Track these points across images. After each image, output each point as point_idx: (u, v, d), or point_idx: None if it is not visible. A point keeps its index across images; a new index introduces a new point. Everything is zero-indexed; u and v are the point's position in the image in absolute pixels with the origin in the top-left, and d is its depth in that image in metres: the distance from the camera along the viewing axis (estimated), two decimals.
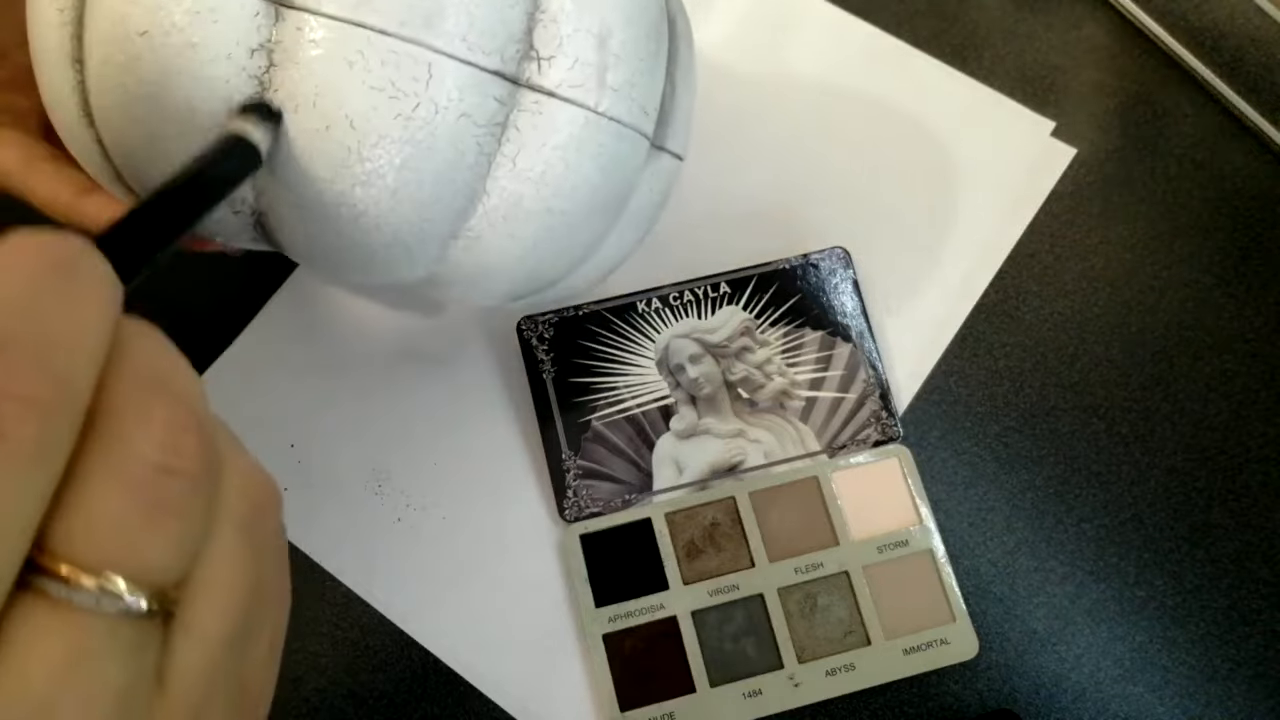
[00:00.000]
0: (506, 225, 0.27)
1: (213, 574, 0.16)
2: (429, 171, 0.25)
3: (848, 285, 0.44)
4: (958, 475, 0.42)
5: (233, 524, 0.17)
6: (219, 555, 0.16)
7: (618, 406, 0.42)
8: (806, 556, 0.40)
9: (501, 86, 0.25)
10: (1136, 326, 0.44)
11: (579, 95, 0.26)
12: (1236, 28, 0.48)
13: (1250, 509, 0.42)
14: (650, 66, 0.28)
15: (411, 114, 0.24)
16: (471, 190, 0.26)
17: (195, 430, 0.15)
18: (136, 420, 0.15)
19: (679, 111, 0.31)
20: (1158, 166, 0.46)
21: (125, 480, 0.14)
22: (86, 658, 0.14)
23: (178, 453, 0.15)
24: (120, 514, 0.14)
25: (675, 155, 0.32)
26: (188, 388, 0.16)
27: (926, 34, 0.49)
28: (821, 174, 0.46)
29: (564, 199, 0.28)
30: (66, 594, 0.14)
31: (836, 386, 0.43)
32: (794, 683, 0.39)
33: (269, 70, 0.24)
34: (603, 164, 0.28)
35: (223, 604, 0.16)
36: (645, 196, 0.31)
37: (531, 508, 0.42)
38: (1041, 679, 0.40)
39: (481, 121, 0.25)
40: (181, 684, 0.15)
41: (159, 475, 0.15)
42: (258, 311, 0.45)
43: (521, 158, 0.26)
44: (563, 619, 0.40)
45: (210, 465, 0.16)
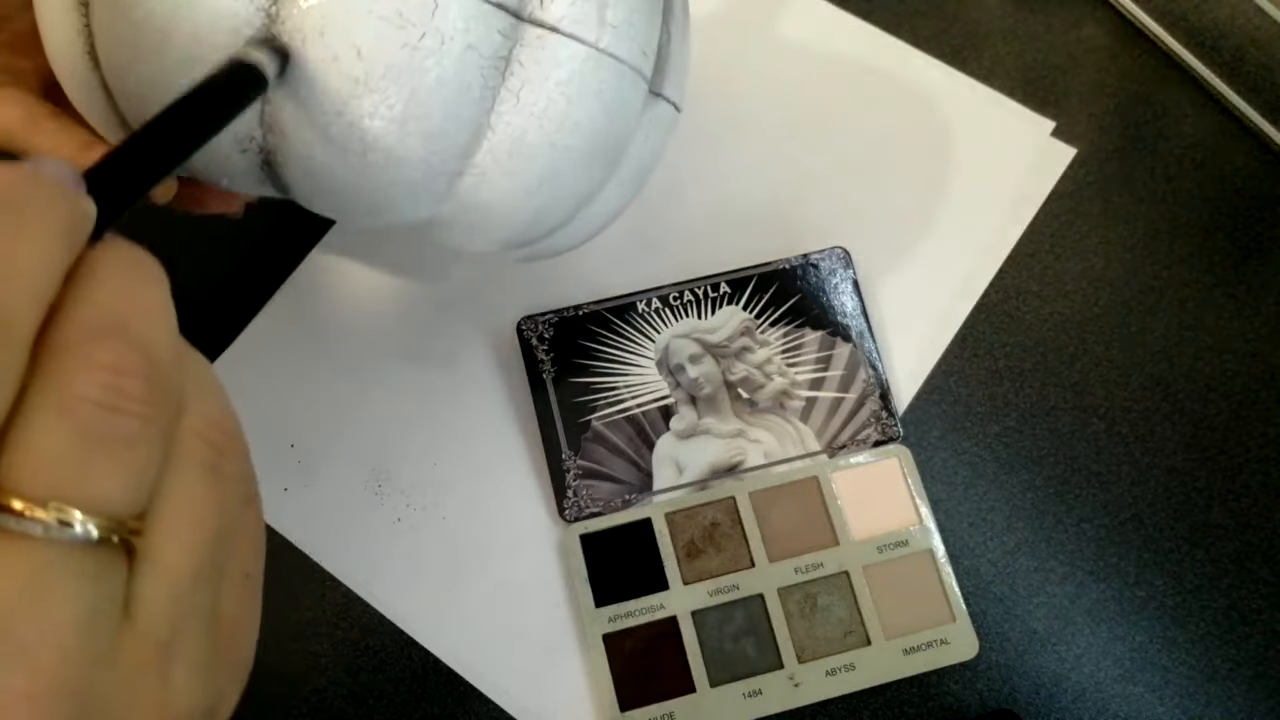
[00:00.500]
0: (510, 161, 0.28)
1: (174, 509, 0.16)
2: (436, 103, 0.26)
3: (848, 285, 0.44)
4: (958, 475, 0.42)
5: (193, 460, 0.17)
6: (179, 491, 0.16)
7: (618, 406, 0.42)
8: (806, 556, 0.40)
9: (505, 20, 0.26)
10: (1136, 326, 0.44)
11: (580, 31, 0.27)
12: (1236, 28, 0.48)
13: (1250, 509, 0.42)
14: (648, 7, 0.29)
15: (418, 44, 0.24)
16: (477, 125, 0.27)
17: (144, 375, 0.15)
18: (79, 363, 0.15)
19: (675, 60, 0.32)
20: (1158, 166, 0.46)
21: (68, 416, 0.15)
22: (42, 585, 0.14)
23: (122, 393, 0.15)
24: (64, 447, 0.14)
25: (672, 104, 0.33)
26: (146, 326, 0.16)
27: (926, 34, 0.49)
28: (821, 174, 0.46)
29: (566, 134, 0.28)
30: (18, 525, 0.14)
31: (836, 386, 0.43)
32: (794, 683, 0.39)
33: (276, 3, 0.24)
34: (604, 101, 0.28)
35: (186, 538, 0.16)
36: (643, 145, 0.32)
37: (531, 508, 0.42)
38: (1041, 679, 0.40)
39: (486, 54, 0.26)
40: (148, 615, 0.16)
41: (102, 412, 0.15)
42: (258, 311, 0.45)
43: (525, 92, 0.27)
44: (563, 619, 0.40)
45: (162, 406, 0.16)
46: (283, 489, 0.42)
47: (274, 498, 0.42)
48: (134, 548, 0.16)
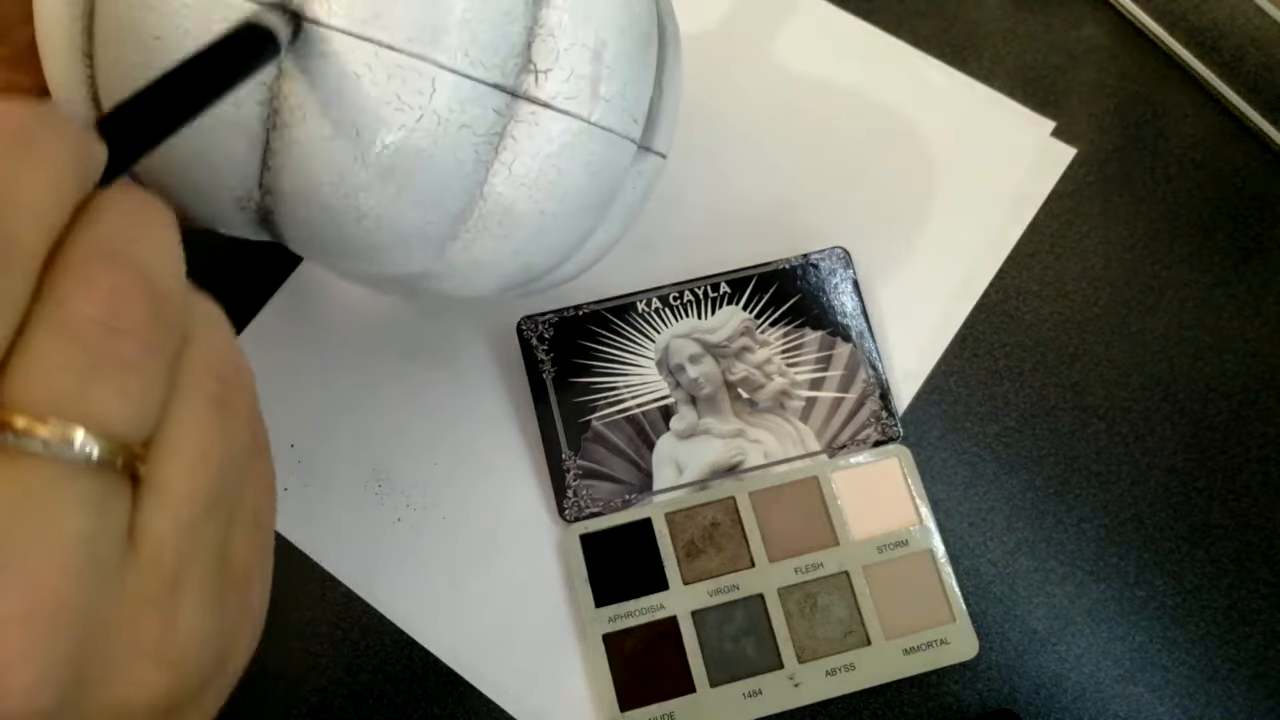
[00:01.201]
0: (501, 228, 0.29)
1: (180, 437, 0.16)
2: (430, 179, 0.26)
3: (848, 285, 0.44)
4: (958, 475, 0.42)
5: (199, 393, 0.17)
6: (186, 421, 0.16)
7: (618, 406, 0.42)
8: (806, 556, 0.40)
9: (500, 98, 0.26)
10: (1136, 326, 0.44)
11: (573, 106, 0.28)
12: (1236, 28, 0.48)
13: (1250, 509, 0.42)
14: (640, 75, 0.30)
15: (415, 125, 0.25)
16: (469, 195, 0.28)
17: (142, 296, 0.15)
18: (79, 282, 0.15)
19: (665, 113, 0.33)
20: (1158, 166, 0.46)
21: (69, 335, 0.14)
22: (42, 502, 0.14)
23: (123, 315, 0.15)
24: (65, 364, 0.14)
25: (660, 154, 0.33)
26: (151, 257, 0.16)
27: (926, 34, 0.49)
28: (821, 174, 0.46)
29: (555, 202, 0.29)
30: (17, 442, 0.14)
31: (836, 386, 0.43)
32: (794, 683, 0.39)
33: (279, 79, 0.25)
34: (593, 170, 0.29)
35: (192, 468, 0.16)
36: (630, 194, 0.33)
37: (531, 508, 0.42)
38: (1041, 679, 0.40)
39: (480, 132, 0.26)
40: (153, 545, 0.15)
41: (103, 332, 0.15)
42: (258, 312, 0.45)
43: (517, 165, 0.28)
44: (563, 619, 0.40)
45: (162, 331, 0.16)
46: (283, 489, 0.42)
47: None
48: (139, 476, 0.15)
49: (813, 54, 0.48)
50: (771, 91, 0.48)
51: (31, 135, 0.15)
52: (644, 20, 0.29)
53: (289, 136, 0.25)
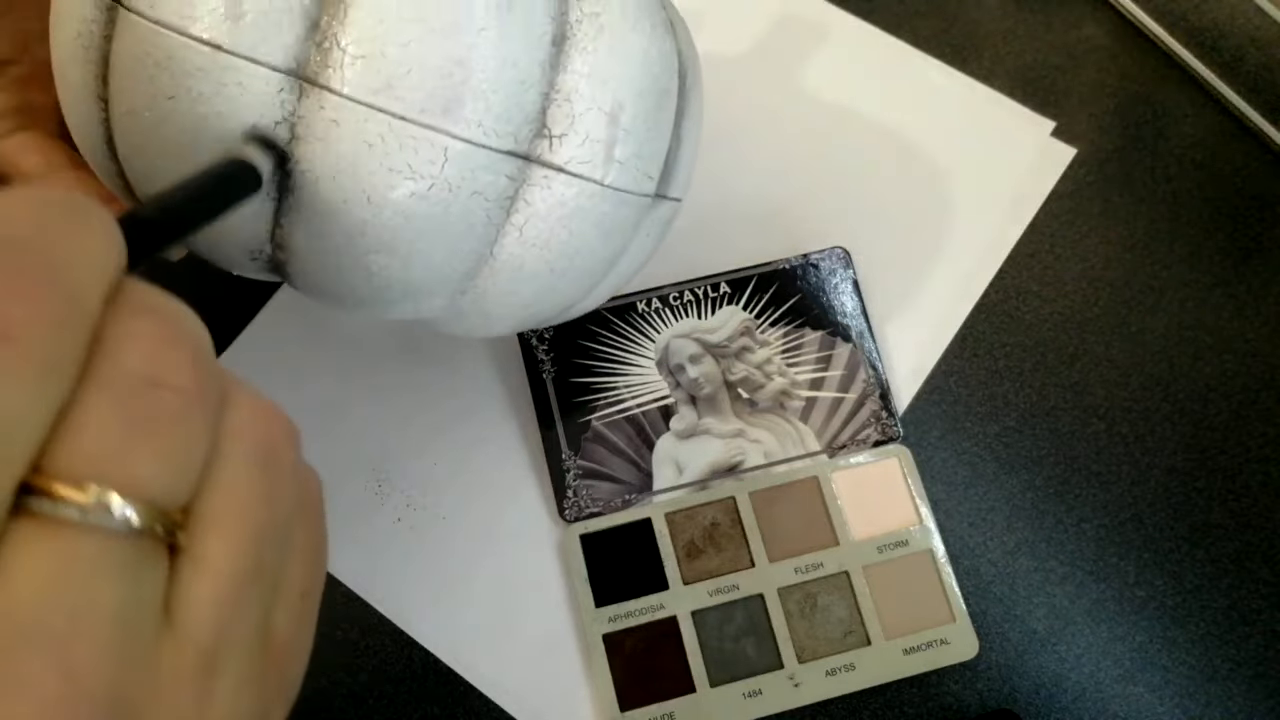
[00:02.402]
0: (511, 284, 0.29)
1: (221, 503, 0.15)
2: (440, 243, 0.26)
3: (848, 285, 0.44)
4: (958, 475, 0.42)
5: (241, 454, 0.16)
6: (227, 485, 0.15)
7: (618, 406, 0.42)
8: (806, 556, 0.40)
9: (513, 164, 0.26)
10: (1136, 326, 0.44)
11: (587, 170, 0.27)
12: (1236, 28, 0.48)
13: (1250, 509, 0.42)
14: (657, 132, 0.29)
15: (426, 193, 0.25)
16: (479, 256, 0.28)
17: (187, 348, 0.15)
18: (124, 335, 0.14)
19: (682, 161, 0.32)
20: (1158, 166, 0.46)
21: (111, 392, 0.14)
22: (76, 573, 0.13)
23: (166, 366, 0.14)
24: (106, 425, 0.14)
25: (674, 200, 0.33)
26: (186, 322, 0.16)
27: (926, 34, 0.49)
28: (821, 174, 0.46)
29: (565, 260, 0.29)
30: (54, 509, 0.13)
31: (836, 386, 0.43)
32: (794, 683, 0.39)
33: (291, 142, 0.25)
34: (604, 229, 0.29)
35: (234, 537, 0.15)
36: (642, 241, 0.32)
37: (531, 508, 0.42)
38: (1041, 679, 0.40)
39: (492, 197, 0.26)
40: (191, 619, 0.15)
41: (146, 387, 0.14)
42: (258, 312, 0.45)
43: (528, 227, 0.27)
44: (563, 619, 0.40)
45: (205, 385, 0.15)
46: None
47: None
48: (178, 544, 0.15)
49: (812, 54, 0.48)
50: (771, 92, 0.48)
51: (84, 203, 0.15)
52: (664, 78, 0.29)
53: (301, 198, 0.25)
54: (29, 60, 0.31)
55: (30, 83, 0.30)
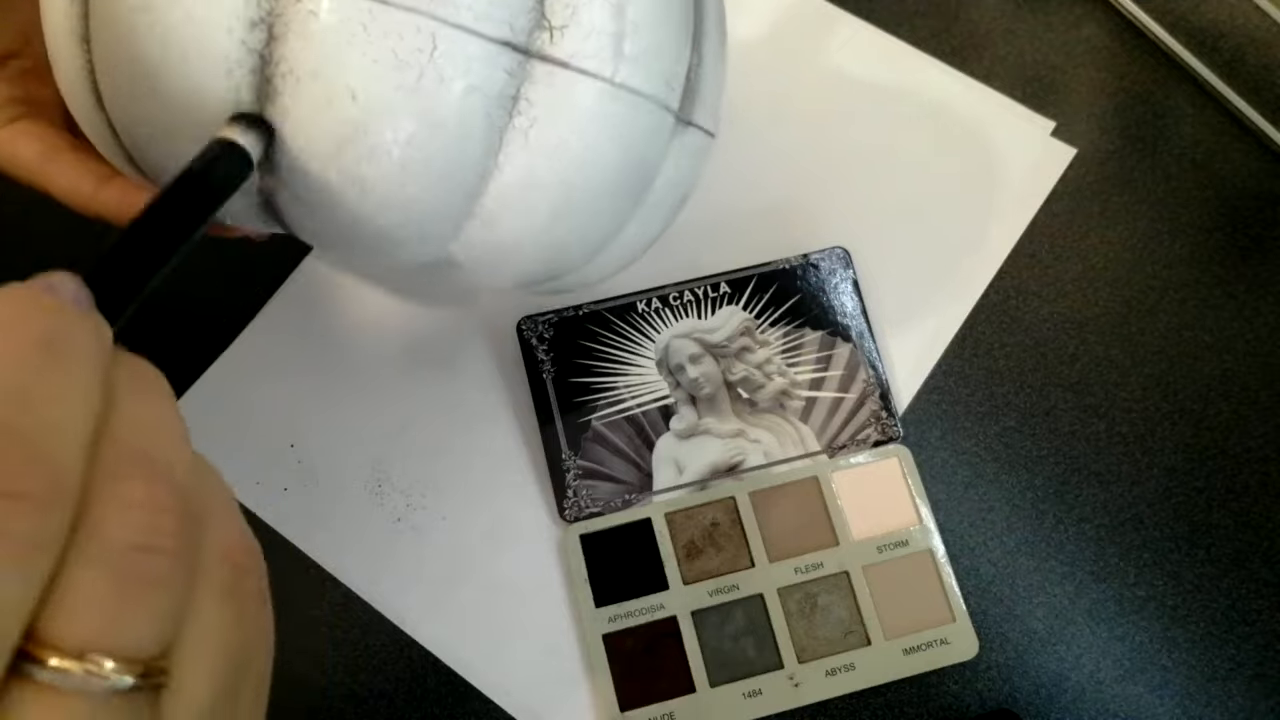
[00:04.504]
0: (520, 203, 0.26)
1: (198, 639, 0.16)
2: (436, 146, 0.25)
3: (848, 285, 0.44)
4: (958, 475, 0.42)
5: (215, 589, 0.17)
6: (203, 621, 0.16)
7: (618, 406, 0.42)
8: (806, 556, 0.40)
9: (511, 58, 0.24)
10: (1136, 326, 0.44)
11: (594, 66, 0.25)
12: (1236, 28, 0.48)
13: (1250, 509, 0.42)
14: (673, 35, 0.27)
15: (416, 86, 0.24)
16: (482, 166, 0.25)
17: (174, 509, 0.15)
18: (116, 504, 0.15)
19: (707, 84, 0.30)
20: (1158, 166, 0.46)
21: (104, 563, 0.14)
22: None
23: (156, 531, 0.15)
24: (100, 596, 0.14)
25: (704, 131, 0.30)
26: (171, 449, 0.16)
27: (926, 34, 0.49)
28: (821, 174, 0.46)
29: (580, 174, 0.26)
30: (53, 679, 0.14)
31: (836, 386, 0.43)
32: (794, 683, 0.39)
33: (269, 44, 0.23)
34: (621, 137, 0.26)
35: (209, 667, 0.16)
36: (671, 176, 0.30)
37: (531, 508, 0.42)
38: (1041, 679, 0.40)
39: (490, 94, 0.24)
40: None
41: (138, 555, 0.15)
42: (258, 311, 0.45)
43: (534, 131, 0.25)
44: (563, 619, 0.40)
45: (190, 538, 0.16)
46: (283, 489, 0.42)
47: (274, 498, 0.42)
48: (161, 682, 0.15)
49: (813, 54, 0.48)
50: (771, 92, 0.48)
51: (63, 338, 0.15)
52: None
53: (283, 105, 0.24)
54: (31, 54, 0.30)
55: (32, 75, 0.30)
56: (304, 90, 0.24)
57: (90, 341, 0.16)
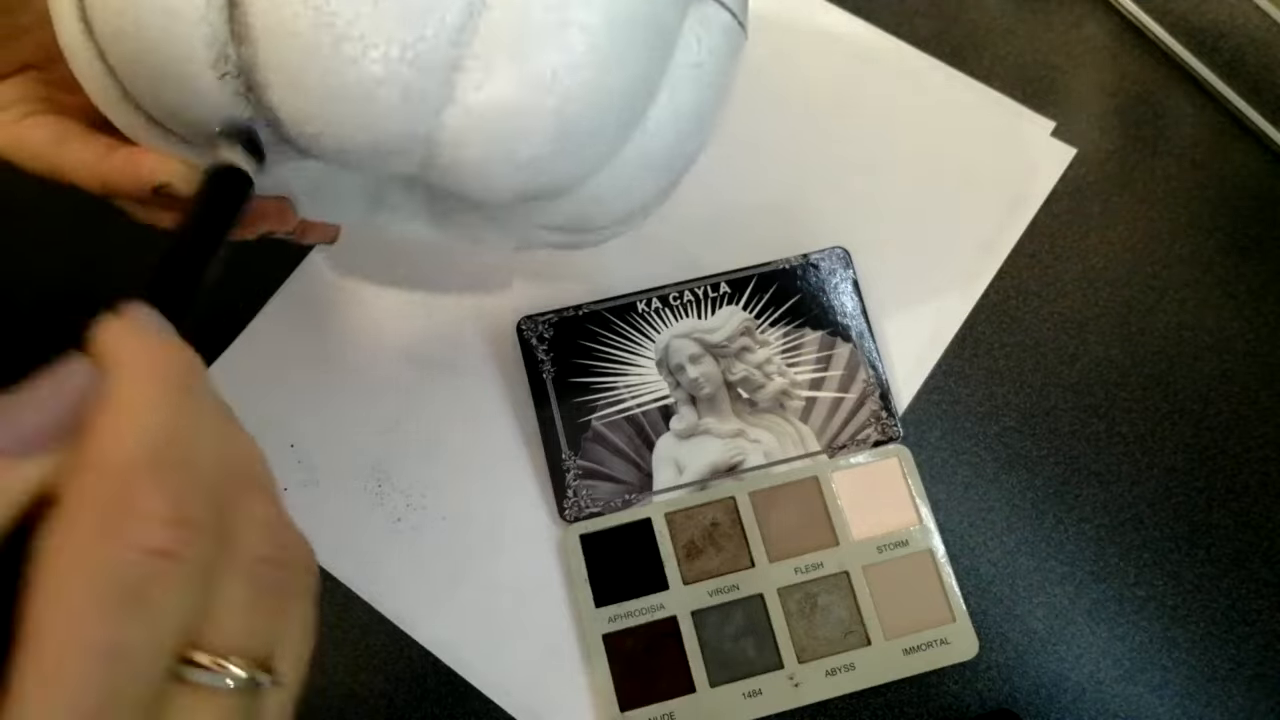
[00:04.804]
0: (518, 44, 0.23)
1: (292, 634, 0.19)
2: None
3: (848, 285, 0.44)
4: (958, 475, 0.42)
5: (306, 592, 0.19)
6: (297, 617, 0.19)
7: (618, 406, 0.42)
8: (806, 556, 0.40)
9: None
10: (1136, 326, 0.44)
11: None
12: (1236, 28, 0.48)
13: (1250, 509, 0.42)
14: None
15: None
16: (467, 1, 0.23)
17: (290, 523, 0.18)
18: (246, 521, 0.18)
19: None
20: (1158, 166, 0.46)
21: (243, 575, 0.17)
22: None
23: (279, 544, 0.18)
24: (241, 604, 0.17)
25: (729, 10, 0.27)
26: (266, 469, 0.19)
27: (926, 34, 0.49)
28: (821, 174, 0.46)
29: (583, 8, 0.23)
30: (206, 679, 0.16)
31: (836, 386, 0.43)
32: (794, 683, 0.39)
33: None
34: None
35: (299, 656, 0.19)
36: (690, 56, 0.27)
37: (531, 508, 0.42)
38: (1041, 679, 0.40)
39: None
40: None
41: (266, 566, 0.18)
42: (258, 311, 0.45)
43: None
44: (563, 619, 0.40)
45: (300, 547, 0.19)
46: (282, 489, 0.42)
47: None
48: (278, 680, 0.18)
49: (813, 54, 0.48)
50: (771, 91, 0.48)
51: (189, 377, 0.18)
52: None
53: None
54: (58, 71, 0.31)
55: (60, 85, 0.30)
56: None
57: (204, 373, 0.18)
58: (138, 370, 0.18)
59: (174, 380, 0.18)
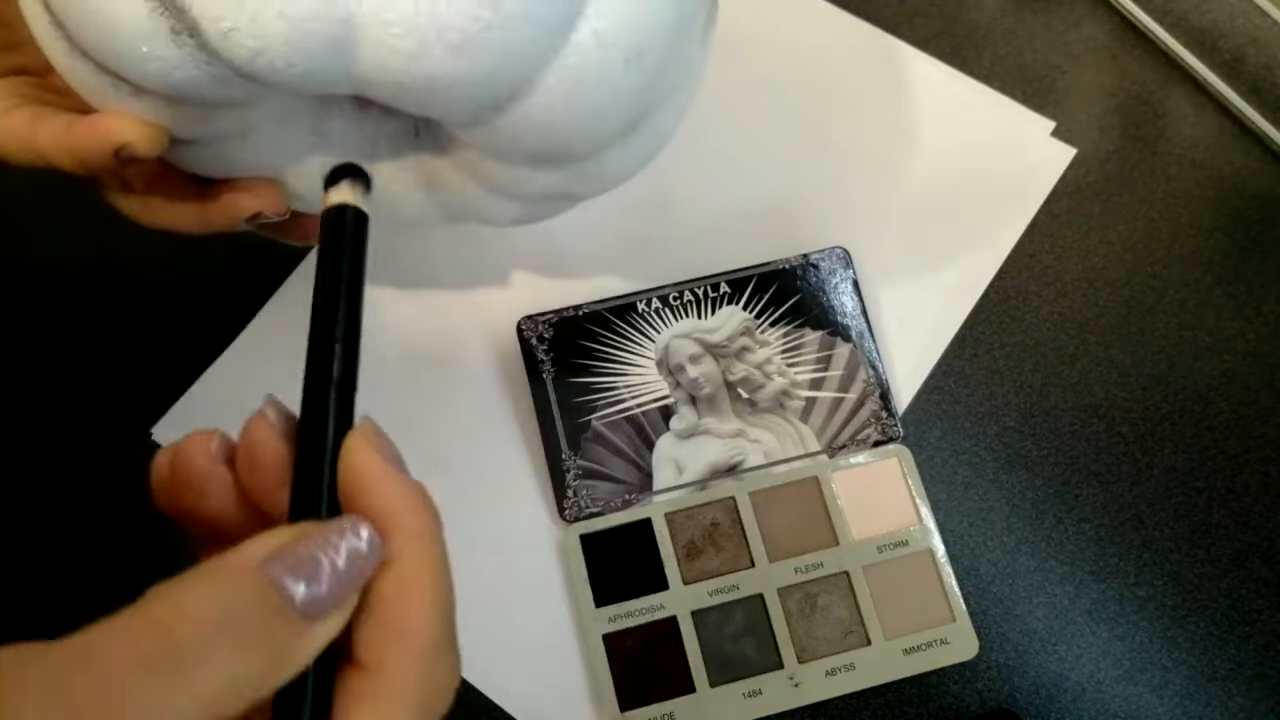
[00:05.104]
0: None
1: None
2: None
3: (848, 285, 0.44)
4: (958, 475, 0.42)
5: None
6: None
7: (618, 406, 0.42)
8: (806, 556, 0.40)
9: None
10: (1136, 326, 0.44)
11: None
12: (1236, 28, 0.48)
13: (1250, 509, 0.42)
14: None
15: None
16: None
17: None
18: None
19: None
20: (1158, 166, 0.46)
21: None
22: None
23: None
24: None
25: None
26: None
27: (926, 34, 0.49)
28: (821, 174, 0.46)
29: None
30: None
31: (836, 386, 0.43)
32: (794, 683, 0.39)
33: None
34: None
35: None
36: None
37: (531, 508, 0.42)
38: (1041, 679, 0.40)
39: None
40: None
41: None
42: (258, 311, 0.45)
43: None
44: (563, 619, 0.40)
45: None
46: None
47: None
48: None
49: (813, 54, 0.48)
50: (771, 91, 0.48)
51: (442, 533, 0.21)
52: None
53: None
54: (51, 78, 0.31)
55: (49, 89, 0.31)
56: None
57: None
58: (425, 538, 0.20)
59: (442, 544, 0.21)
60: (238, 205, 0.32)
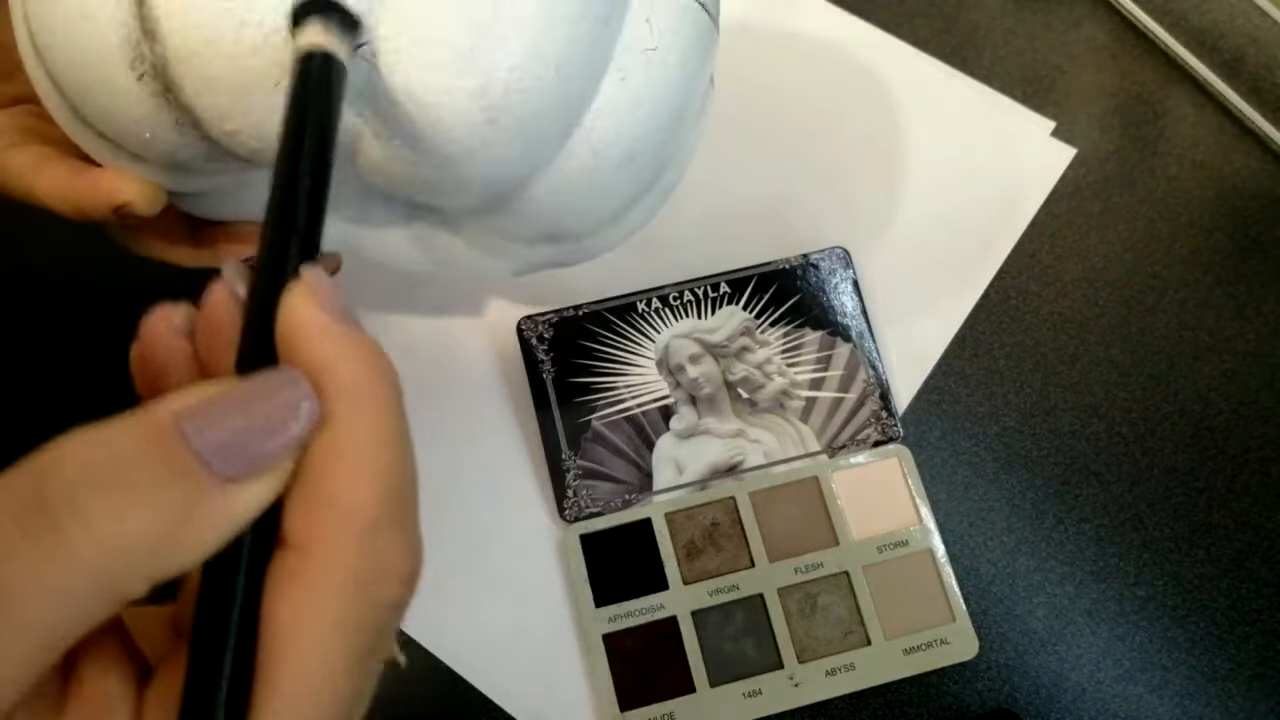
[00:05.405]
0: (426, 19, 0.23)
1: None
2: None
3: (848, 285, 0.44)
4: (958, 475, 0.42)
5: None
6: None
7: (618, 406, 0.42)
8: (806, 556, 0.40)
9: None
10: (1136, 326, 0.44)
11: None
12: (1236, 28, 0.48)
13: (1250, 509, 0.42)
14: None
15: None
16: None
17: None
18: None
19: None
20: (1158, 166, 0.46)
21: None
22: None
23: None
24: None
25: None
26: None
27: (926, 34, 0.49)
28: (821, 174, 0.46)
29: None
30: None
31: (836, 386, 0.43)
32: (794, 683, 0.39)
33: None
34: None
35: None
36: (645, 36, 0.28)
37: (531, 508, 0.42)
38: (1041, 679, 0.40)
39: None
40: None
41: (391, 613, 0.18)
42: None
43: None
44: (563, 619, 0.40)
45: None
46: None
47: None
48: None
49: (812, 54, 0.48)
50: (771, 91, 0.48)
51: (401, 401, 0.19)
52: None
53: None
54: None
55: (48, 119, 0.31)
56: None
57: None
58: (362, 397, 0.17)
59: (397, 410, 0.17)
60: (230, 251, 0.32)
